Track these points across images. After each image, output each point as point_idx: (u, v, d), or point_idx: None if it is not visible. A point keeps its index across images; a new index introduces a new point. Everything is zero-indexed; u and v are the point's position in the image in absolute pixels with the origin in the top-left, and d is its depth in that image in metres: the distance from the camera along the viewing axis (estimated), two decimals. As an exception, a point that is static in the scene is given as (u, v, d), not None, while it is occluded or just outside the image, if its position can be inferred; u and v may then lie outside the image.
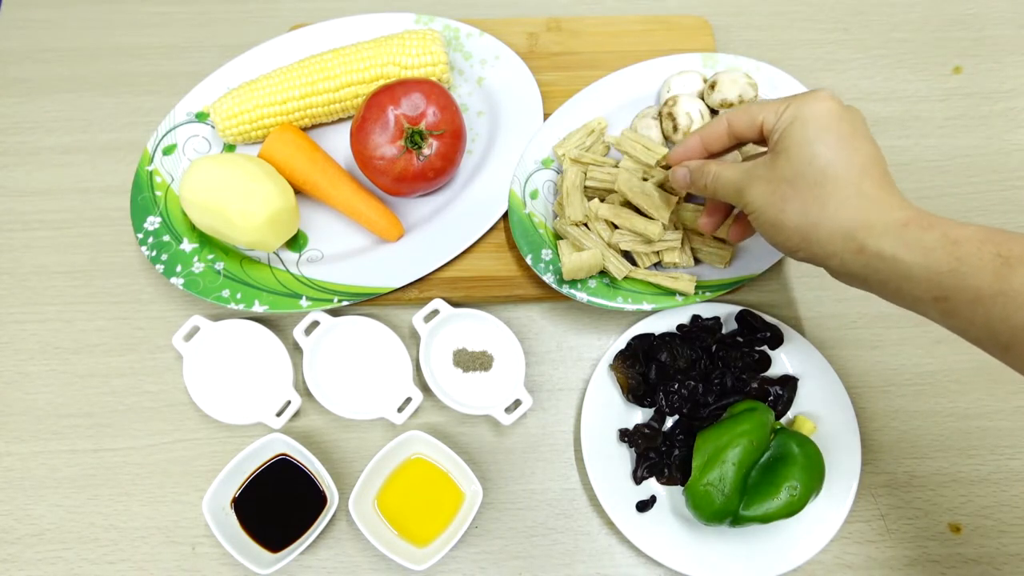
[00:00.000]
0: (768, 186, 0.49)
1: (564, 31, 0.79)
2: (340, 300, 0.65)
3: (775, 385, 0.63)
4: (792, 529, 0.59)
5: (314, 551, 0.61)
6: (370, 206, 0.68)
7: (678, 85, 0.71)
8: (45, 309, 0.69)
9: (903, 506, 0.62)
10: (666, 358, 0.63)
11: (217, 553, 0.61)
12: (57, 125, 0.77)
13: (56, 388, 0.66)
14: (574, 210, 0.65)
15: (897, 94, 0.79)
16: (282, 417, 0.63)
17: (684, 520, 0.61)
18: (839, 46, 0.81)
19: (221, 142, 0.72)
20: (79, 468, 0.64)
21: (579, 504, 0.63)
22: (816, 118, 0.48)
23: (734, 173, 0.52)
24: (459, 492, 0.61)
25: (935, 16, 0.83)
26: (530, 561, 0.61)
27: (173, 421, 0.65)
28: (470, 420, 0.66)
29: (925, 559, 0.61)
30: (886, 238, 0.44)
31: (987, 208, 0.73)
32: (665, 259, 0.65)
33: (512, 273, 0.68)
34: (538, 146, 0.71)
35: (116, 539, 0.62)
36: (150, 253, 0.66)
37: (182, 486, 0.63)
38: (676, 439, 0.62)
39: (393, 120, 0.64)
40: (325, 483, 0.60)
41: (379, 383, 0.65)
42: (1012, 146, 0.76)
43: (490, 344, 0.65)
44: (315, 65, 0.69)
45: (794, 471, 0.56)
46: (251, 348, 0.65)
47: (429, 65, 0.69)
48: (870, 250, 0.45)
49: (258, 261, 0.67)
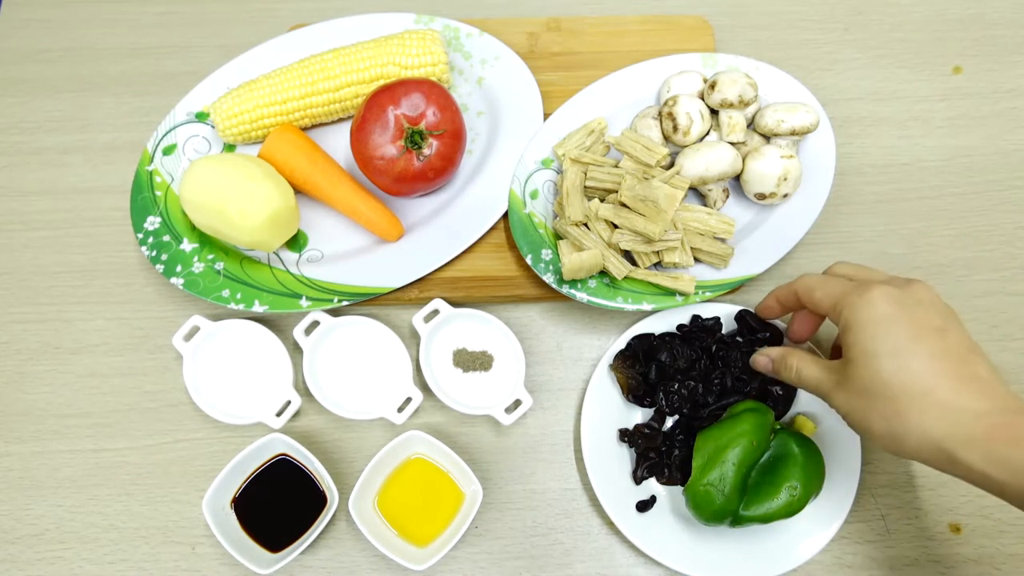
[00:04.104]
0: (848, 396, 0.48)
1: (564, 31, 0.79)
2: (340, 300, 0.65)
3: (775, 385, 0.63)
4: (792, 529, 0.59)
5: (314, 551, 0.61)
6: (370, 206, 0.68)
7: (678, 85, 0.71)
8: (45, 309, 0.69)
9: (903, 506, 0.62)
10: (666, 358, 0.63)
11: (217, 553, 0.61)
12: (57, 125, 0.77)
13: (56, 388, 0.66)
14: (574, 210, 0.65)
15: (897, 94, 0.79)
16: (282, 417, 0.63)
17: (684, 520, 0.61)
18: (839, 46, 0.81)
19: (221, 142, 0.72)
20: (79, 468, 0.64)
21: (579, 504, 0.63)
22: (872, 325, 0.46)
23: (817, 374, 0.51)
24: (459, 492, 0.61)
25: (935, 16, 0.83)
26: (530, 561, 0.61)
27: (173, 421, 0.65)
28: (470, 420, 0.66)
29: (925, 559, 0.61)
30: (973, 452, 0.42)
31: (987, 208, 0.73)
32: (665, 259, 0.65)
33: (512, 273, 0.68)
34: (538, 146, 0.71)
35: (116, 539, 0.62)
36: (150, 253, 0.66)
37: (182, 486, 0.63)
38: (676, 439, 0.62)
39: (393, 120, 0.64)
40: (325, 483, 0.60)
41: (379, 383, 0.65)
42: (1012, 146, 0.76)
43: (490, 344, 0.65)
44: (315, 65, 0.69)
45: (794, 471, 0.56)
46: (251, 348, 0.65)
47: (429, 65, 0.69)
48: (962, 463, 0.43)
49: (258, 261, 0.67)
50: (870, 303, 0.46)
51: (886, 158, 0.76)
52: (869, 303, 0.46)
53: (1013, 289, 0.70)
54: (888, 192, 0.74)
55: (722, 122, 0.69)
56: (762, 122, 0.68)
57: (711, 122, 0.69)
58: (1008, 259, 0.71)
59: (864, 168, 0.75)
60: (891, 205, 0.73)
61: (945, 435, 0.43)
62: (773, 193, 0.67)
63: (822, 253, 0.71)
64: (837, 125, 0.76)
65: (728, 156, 0.66)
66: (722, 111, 0.69)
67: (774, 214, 0.69)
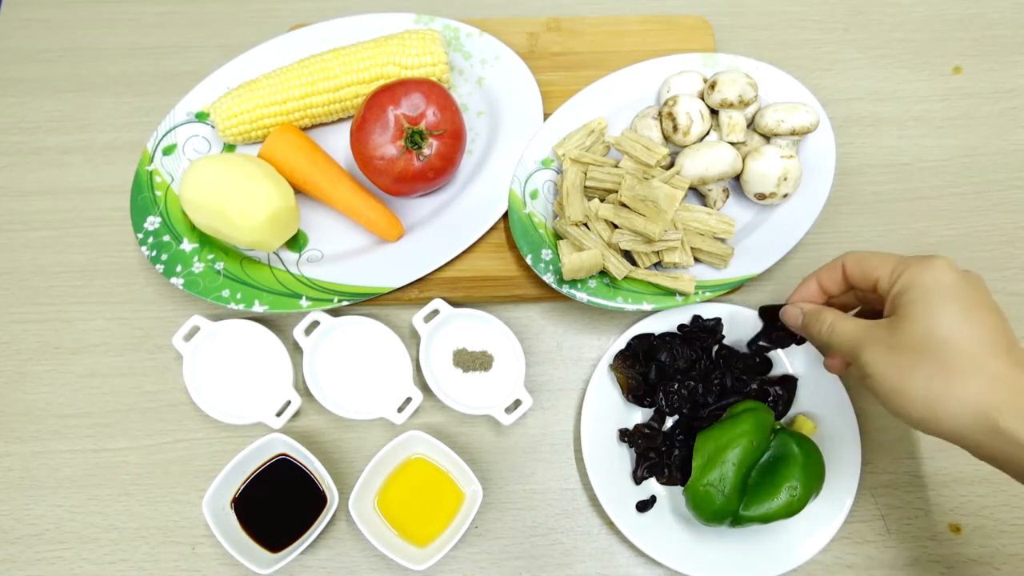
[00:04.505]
0: (889, 352, 0.46)
1: (564, 31, 0.79)
2: (340, 300, 0.65)
3: (775, 385, 0.63)
4: (792, 529, 0.59)
5: (314, 551, 0.61)
6: (370, 206, 0.68)
7: (678, 85, 0.71)
8: (45, 309, 0.69)
9: (903, 506, 0.62)
10: (666, 358, 0.63)
11: (217, 553, 0.61)
12: (57, 125, 0.77)
13: (56, 388, 0.66)
14: (574, 210, 0.65)
15: (897, 94, 0.79)
16: (282, 417, 0.63)
17: (684, 520, 0.61)
18: (839, 46, 0.81)
19: (221, 142, 0.72)
20: (79, 468, 0.64)
21: (579, 504, 0.63)
22: (937, 288, 0.45)
23: (853, 329, 0.49)
24: (459, 492, 0.61)
25: (935, 16, 0.83)
26: (530, 561, 0.61)
27: (173, 421, 0.65)
28: (470, 420, 0.66)
29: (925, 559, 0.61)
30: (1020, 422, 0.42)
31: (987, 208, 0.73)
32: (665, 259, 0.65)
33: (512, 273, 0.68)
34: (538, 146, 0.71)
35: (116, 539, 0.62)
36: (150, 253, 0.66)
37: (182, 486, 0.63)
38: (676, 439, 0.62)
39: (393, 120, 0.64)
40: (325, 483, 0.60)
41: (379, 383, 0.65)
42: (1012, 146, 0.76)
43: (490, 344, 0.65)
44: (315, 65, 0.69)
45: (794, 471, 0.56)
46: (251, 348, 0.65)
47: (429, 65, 0.69)
48: (1006, 433, 0.42)
49: (258, 261, 0.67)
50: (936, 268, 0.46)
51: (886, 158, 0.76)
52: (935, 268, 0.46)
53: (1013, 289, 0.70)
54: (888, 192, 0.74)
55: (722, 122, 0.69)
56: (762, 122, 0.68)
57: (711, 122, 0.69)
58: (1008, 259, 0.71)
59: (864, 168, 0.75)
60: (891, 205, 0.73)
61: (992, 404, 0.42)
62: (773, 193, 0.67)
63: (822, 253, 0.71)
64: (837, 125, 0.76)
65: (728, 156, 0.66)
66: (722, 111, 0.69)
67: (774, 214, 0.69)
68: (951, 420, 0.44)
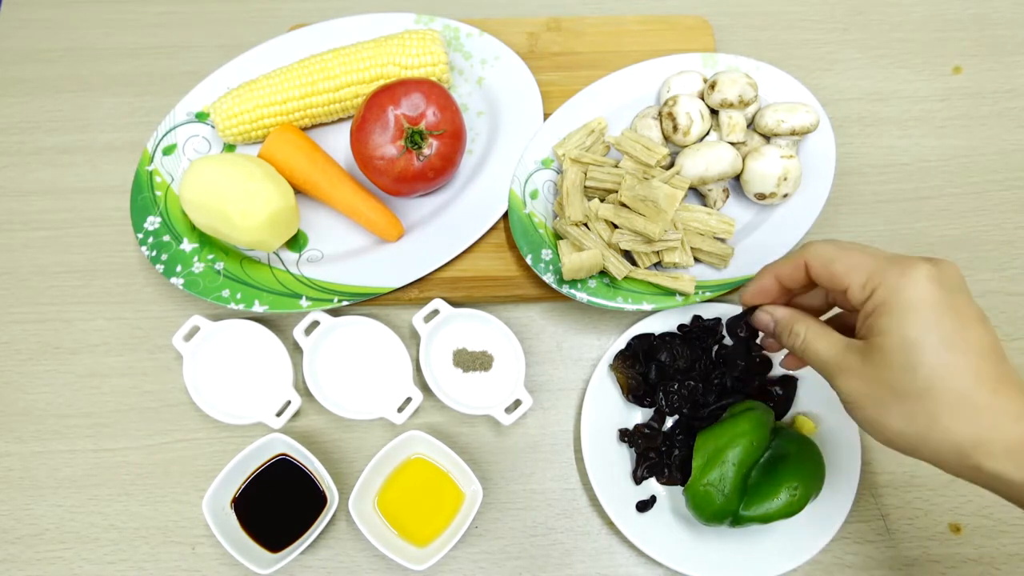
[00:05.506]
0: (865, 385, 0.42)
1: (564, 31, 0.79)
2: (340, 300, 0.65)
3: (775, 385, 0.63)
4: (792, 529, 0.59)
5: (314, 551, 0.61)
6: (370, 206, 0.68)
7: (678, 85, 0.71)
8: (45, 309, 0.69)
9: (903, 506, 0.62)
10: (666, 358, 0.63)
11: (217, 553, 0.61)
12: (57, 125, 0.77)
13: (56, 388, 0.66)
14: (574, 210, 0.65)
15: (897, 94, 0.79)
16: (282, 417, 0.63)
17: (684, 520, 0.61)
18: (839, 46, 0.81)
19: (221, 142, 0.72)
20: (79, 468, 0.64)
21: (579, 504, 0.63)
22: (915, 310, 0.40)
23: (827, 352, 0.45)
24: (459, 492, 0.61)
25: (935, 16, 0.83)
26: (530, 561, 0.61)
27: (173, 421, 0.65)
28: (470, 420, 0.66)
29: (925, 559, 0.61)
30: (1006, 461, 0.39)
31: (987, 208, 0.73)
32: (665, 259, 0.65)
33: (512, 273, 0.68)
34: (538, 146, 0.71)
35: (116, 539, 0.62)
36: (150, 253, 0.66)
37: (182, 486, 0.63)
38: (676, 439, 0.62)
39: (393, 120, 0.64)
40: (325, 483, 0.60)
41: (379, 383, 0.65)
42: (1012, 146, 0.76)
43: (490, 344, 0.65)
44: (315, 65, 0.69)
45: (794, 471, 0.56)
46: (251, 348, 0.65)
47: (429, 65, 0.69)
48: (988, 471, 0.39)
49: (258, 261, 0.67)
50: (914, 283, 0.40)
51: (886, 158, 0.76)
52: (913, 283, 0.40)
53: (1013, 289, 0.70)
54: (888, 192, 0.74)
55: (722, 122, 0.69)
56: (762, 122, 0.68)
57: (711, 122, 0.69)
58: (1008, 259, 0.71)
59: (864, 168, 0.75)
60: (891, 205, 0.73)
61: (975, 442, 0.39)
62: (773, 193, 0.67)
63: (822, 253, 0.71)
64: (837, 125, 0.76)
65: (728, 156, 0.66)
66: (722, 111, 0.69)
67: (774, 214, 0.69)
68: (932, 455, 0.41)
